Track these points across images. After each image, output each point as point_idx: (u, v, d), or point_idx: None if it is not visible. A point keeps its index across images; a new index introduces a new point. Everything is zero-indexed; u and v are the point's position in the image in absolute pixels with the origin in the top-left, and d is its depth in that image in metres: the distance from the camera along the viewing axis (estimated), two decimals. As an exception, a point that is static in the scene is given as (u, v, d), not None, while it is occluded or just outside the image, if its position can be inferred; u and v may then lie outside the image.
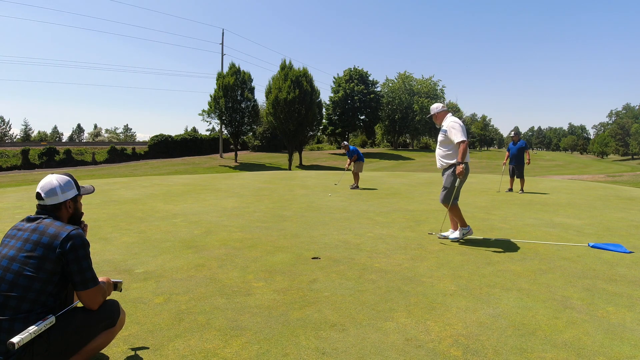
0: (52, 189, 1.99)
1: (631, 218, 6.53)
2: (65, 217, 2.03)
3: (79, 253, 1.88)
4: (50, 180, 2.01)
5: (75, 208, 2.09)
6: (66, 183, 2.03)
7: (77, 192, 2.09)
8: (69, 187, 2.04)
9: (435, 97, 74.99)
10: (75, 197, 2.07)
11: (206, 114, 43.70)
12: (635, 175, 31.74)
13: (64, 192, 2.01)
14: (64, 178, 2.05)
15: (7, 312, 1.74)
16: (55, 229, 1.89)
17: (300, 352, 2.29)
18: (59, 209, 2.00)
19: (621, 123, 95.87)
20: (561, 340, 2.44)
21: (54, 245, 1.84)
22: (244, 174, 17.03)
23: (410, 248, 4.44)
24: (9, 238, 1.92)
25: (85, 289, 1.90)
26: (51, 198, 1.98)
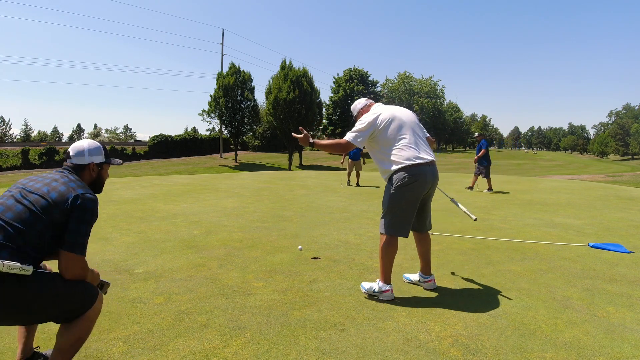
0: (80, 149, 2.05)
1: (631, 218, 6.53)
2: (88, 180, 2.06)
3: (85, 216, 1.86)
4: (81, 143, 2.09)
5: (99, 174, 2.12)
6: (95, 148, 2.09)
7: (105, 160, 2.12)
8: (97, 152, 2.09)
9: (435, 97, 75.03)
10: (101, 163, 2.11)
11: (206, 114, 43.73)
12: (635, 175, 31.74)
13: (91, 155, 2.07)
14: (95, 143, 2.12)
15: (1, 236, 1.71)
16: (75, 184, 1.92)
17: (300, 352, 2.29)
18: (83, 169, 2.05)
19: (621, 123, 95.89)
20: (561, 340, 2.44)
21: (67, 196, 1.84)
22: (244, 174, 17.03)
23: (410, 248, 4.43)
24: (31, 180, 1.94)
25: (69, 251, 1.82)
26: (78, 157, 2.04)
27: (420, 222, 3.23)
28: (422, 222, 3.24)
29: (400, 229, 3.02)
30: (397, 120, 3.07)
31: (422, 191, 3.01)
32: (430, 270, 3.31)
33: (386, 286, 3.06)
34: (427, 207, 3.23)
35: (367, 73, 60.60)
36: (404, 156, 2.97)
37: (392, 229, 3.02)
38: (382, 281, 3.07)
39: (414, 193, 2.97)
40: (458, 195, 9.44)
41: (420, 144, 3.08)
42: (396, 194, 2.98)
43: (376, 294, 3.09)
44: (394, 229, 3.02)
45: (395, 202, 2.99)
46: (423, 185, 2.98)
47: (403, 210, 3.01)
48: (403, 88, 78.61)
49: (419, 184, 2.95)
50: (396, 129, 3.04)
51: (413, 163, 2.95)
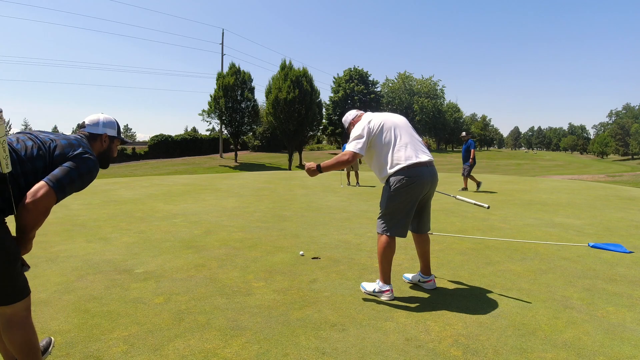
0: (96, 120, 2.12)
1: (631, 218, 6.53)
2: (97, 149, 2.10)
3: (81, 167, 1.83)
4: (98, 115, 2.16)
5: (109, 147, 2.16)
6: (110, 121, 2.16)
7: (116, 135, 2.18)
8: (111, 125, 2.15)
9: (435, 97, 75.07)
10: (113, 137, 2.16)
11: (206, 114, 43.71)
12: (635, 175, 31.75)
13: (105, 126, 2.12)
14: (109, 117, 2.18)
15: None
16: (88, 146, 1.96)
17: (300, 352, 2.29)
18: (95, 139, 2.10)
19: (621, 123, 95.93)
20: (561, 340, 2.44)
21: (75, 147, 1.87)
22: (244, 174, 17.04)
23: (410, 248, 4.43)
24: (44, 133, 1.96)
25: (48, 182, 1.71)
26: (92, 126, 2.10)
27: (420, 223, 3.22)
28: (421, 224, 3.23)
29: (398, 230, 3.01)
30: (389, 123, 3.07)
31: (420, 192, 2.98)
32: (430, 270, 3.32)
33: (386, 286, 3.06)
34: (426, 208, 3.23)
35: (367, 73, 60.60)
36: (401, 157, 2.95)
37: (390, 230, 3.01)
38: (382, 281, 3.08)
39: (413, 194, 2.95)
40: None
41: (417, 144, 3.07)
42: (394, 195, 2.96)
43: (376, 294, 3.10)
44: (392, 230, 3.01)
45: (394, 203, 2.97)
46: (421, 186, 2.96)
47: (401, 211, 2.98)
48: (403, 88, 78.64)
49: (417, 185, 2.93)
50: (390, 131, 3.03)
51: (411, 163, 2.93)
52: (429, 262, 3.31)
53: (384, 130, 3.03)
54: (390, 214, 3.01)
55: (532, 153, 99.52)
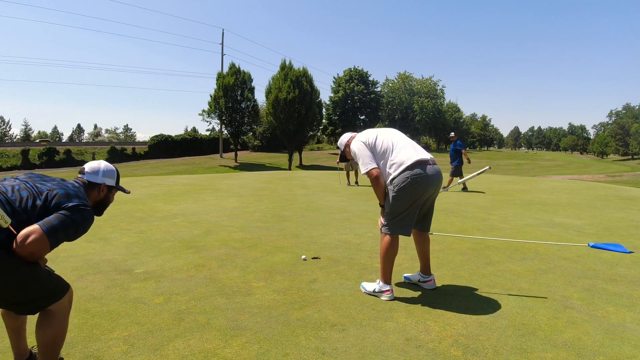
0: (96, 169, 2.13)
1: (631, 218, 6.53)
2: (94, 199, 2.11)
3: (76, 217, 1.81)
4: (98, 163, 2.18)
5: (106, 196, 2.17)
6: (110, 170, 2.18)
7: (115, 185, 2.20)
8: (110, 175, 2.17)
9: (435, 97, 75.07)
10: (111, 187, 2.18)
11: (206, 114, 43.74)
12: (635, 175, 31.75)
13: (105, 176, 2.14)
14: (110, 166, 2.20)
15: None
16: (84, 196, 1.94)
17: (300, 352, 2.29)
18: (93, 187, 2.11)
19: (621, 123, 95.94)
20: (561, 340, 2.44)
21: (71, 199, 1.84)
22: (244, 174, 17.04)
23: (410, 248, 4.42)
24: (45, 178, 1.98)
25: (40, 225, 1.70)
26: (91, 175, 2.11)
27: (424, 222, 3.25)
28: (425, 223, 3.25)
29: (402, 229, 3.01)
30: (382, 134, 3.15)
31: (424, 190, 2.97)
32: (430, 270, 3.32)
33: (386, 286, 3.06)
34: (431, 208, 3.24)
35: (367, 73, 60.56)
36: (403, 158, 2.96)
37: (394, 229, 3.01)
38: (383, 281, 3.08)
39: (417, 192, 2.94)
40: (450, 196, 9.45)
41: (416, 145, 3.12)
42: (399, 195, 2.95)
43: (376, 294, 3.10)
44: (396, 229, 3.01)
45: (398, 202, 2.96)
46: (426, 184, 2.96)
47: (406, 210, 2.97)
48: (403, 88, 78.61)
49: (421, 182, 2.93)
50: (385, 140, 3.09)
51: (414, 161, 2.93)
52: (429, 262, 3.32)
53: (379, 140, 3.09)
54: (395, 213, 3.00)
55: (532, 153, 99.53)
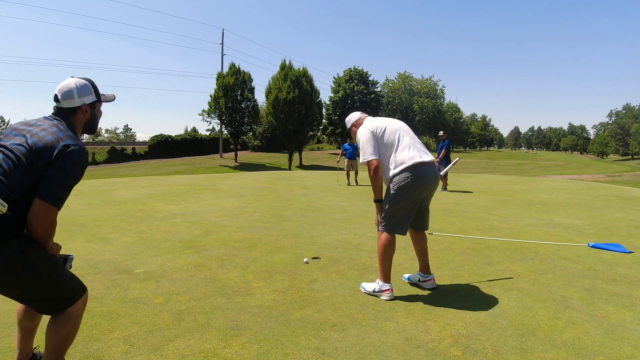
0: (69, 92, 1.91)
1: (631, 218, 6.53)
2: (81, 122, 1.96)
3: (67, 165, 1.71)
4: (68, 83, 1.93)
5: (92, 114, 2.01)
6: (83, 86, 1.95)
7: (96, 99, 2.00)
8: (86, 92, 1.95)
9: (435, 97, 75.10)
10: (93, 102, 1.99)
11: (206, 114, 43.69)
12: (635, 175, 31.75)
13: (81, 96, 1.93)
14: (82, 82, 1.97)
15: None
16: (64, 133, 1.79)
17: (300, 352, 2.29)
18: (75, 112, 1.93)
19: (621, 123, 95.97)
20: (561, 340, 2.44)
21: (54, 146, 1.72)
22: (244, 174, 17.03)
23: (410, 248, 4.42)
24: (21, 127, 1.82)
25: (41, 198, 1.66)
26: (67, 101, 1.91)
27: (420, 221, 3.26)
28: (421, 221, 3.27)
29: (399, 228, 3.05)
30: (391, 126, 3.15)
31: (423, 190, 3.04)
32: (429, 269, 3.33)
33: (386, 285, 3.07)
34: (427, 207, 3.27)
35: (367, 73, 60.49)
36: (405, 157, 3.01)
37: (391, 227, 3.05)
38: (382, 280, 3.09)
39: (416, 192, 3.00)
40: (449, 196, 9.44)
41: (418, 146, 3.14)
42: (398, 194, 2.99)
43: (376, 294, 3.10)
44: (393, 227, 3.05)
45: (397, 201, 3.00)
46: (425, 185, 3.02)
47: (403, 209, 3.02)
48: (403, 88, 78.64)
49: (420, 184, 2.99)
50: (393, 134, 3.10)
51: (415, 162, 2.99)
52: (427, 260, 3.33)
53: (387, 133, 3.10)
54: (393, 212, 3.03)
55: (532, 153, 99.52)
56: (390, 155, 3.05)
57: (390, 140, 3.07)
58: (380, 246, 3.07)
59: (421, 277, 3.34)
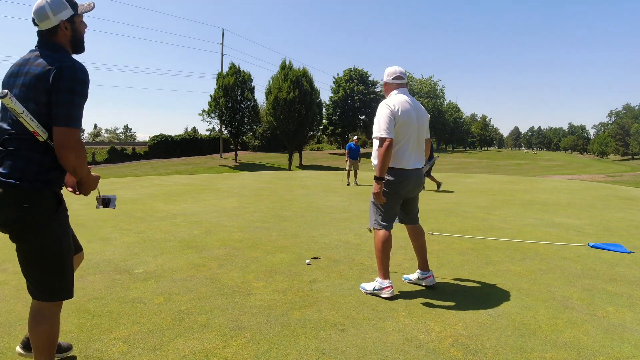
0: (41, 10, 1.76)
1: (631, 218, 6.53)
2: (66, 41, 1.83)
3: (75, 86, 1.68)
4: (40, 1, 1.77)
5: (74, 29, 1.84)
6: (55, 2, 1.77)
7: (74, 12, 1.83)
8: (60, 7, 1.78)
9: (435, 97, 75.06)
10: (72, 17, 1.82)
11: (206, 114, 43.71)
12: (635, 175, 31.75)
13: (56, 13, 1.76)
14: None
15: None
16: (54, 55, 1.73)
17: (300, 352, 2.29)
18: (55, 33, 1.79)
19: (621, 123, 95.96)
20: (561, 340, 2.44)
21: (50, 71, 1.67)
22: (244, 174, 17.03)
23: (410, 248, 4.42)
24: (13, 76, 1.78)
25: (62, 125, 1.65)
26: (44, 22, 1.77)
27: (408, 215, 3.36)
28: (409, 215, 3.36)
29: (384, 223, 3.14)
30: (411, 114, 3.09)
31: (404, 192, 3.17)
32: (427, 266, 3.36)
33: (386, 282, 3.09)
34: (413, 201, 3.35)
35: (367, 73, 60.50)
36: (396, 159, 3.08)
37: (379, 223, 3.16)
38: (382, 277, 3.11)
39: (398, 193, 3.14)
40: (449, 196, 9.44)
41: (416, 150, 3.18)
42: (388, 190, 3.11)
43: (376, 292, 3.11)
44: (380, 223, 3.15)
45: (387, 197, 3.11)
46: (406, 187, 3.15)
47: (385, 206, 3.13)
48: (403, 88, 78.45)
49: (402, 186, 3.12)
50: (404, 127, 3.06)
51: (401, 168, 3.09)
52: (425, 257, 3.36)
53: (401, 122, 3.04)
54: (377, 208, 3.17)
55: (532, 153, 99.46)
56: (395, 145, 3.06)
57: (404, 130, 3.05)
58: (378, 243, 3.12)
59: (420, 275, 3.35)
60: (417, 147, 3.17)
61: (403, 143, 3.07)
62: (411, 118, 3.09)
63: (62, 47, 1.81)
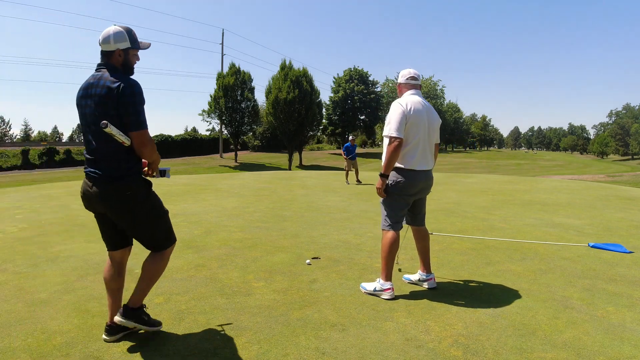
0: (107, 37, 2.26)
1: (631, 218, 6.53)
2: (118, 64, 2.29)
3: (136, 99, 2.18)
4: (108, 30, 2.28)
5: (126, 58, 2.31)
6: (118, 33, 2.27)
7: (130, 45, 2.30)
8: (120, 39, 2.27)
9: (435, 97, 75.03)
10: (127, 49, 2.30)
11: (206, 114, 43.72)
12: (635, 175, 31.75)
13: (116, 42, 2.26)
14: (119, 30, 2.28)
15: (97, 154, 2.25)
16: (113, 77, 2.19)
17: (300, 352, 2.29)
18: (112, 55, 2.27)
19: (621, 123, 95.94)
20: (561, 340, 2.44)
21: (114, 91, 2.14)
22: (244, 174, 17.02)
23: (410, 248, 4.43)
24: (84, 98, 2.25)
25: (137, 129, 2.19)
26: (105, 45, 2.27)
27: (415, 216, 3.34)
28: (417, 217, 3.34)
29: (392, 223, 3.15)
30: (422, 115, 3.09)
31: (413, 194, 3.16)
32: (430, 268, 3.35)
33: (387, 284, 3.09)
34: (421, 202, 3.33)
35: (367, 73, 60.46)
36: (405, 160, 3.07)
37: (388, 225, 3.16)
38: (384, 279, 3.11)
39: (406, 194, 3.12)
40: (450, 196, 9.44)
41: (426, 151, 3.16)
42: (391, 193, 3.12)
43: (377, 293, 3.11)
44: (389, 224, 3.15)
45: (391, 198, 3.14)
46: (415, 188, 3.13)
47: (394, 207, 3.14)
48: (403, 88, 78.36)
49: (411, 187, 3.11)
50: (414, 127, 3.05)
51: (411, 169, 3.08)
52: (429, 259, 3.35)
53: (415, 120, 3.04)
54: (386, 209, 3.18)
55: (532, 153, 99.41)
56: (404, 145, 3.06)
57: (414, 130, 3.05)
58: (385, 244, 3.11)
59: (421, 277, 3.35)
60: (427, 149, 3.16)
61: (413, 144, 3.06)
62: (422, 119, 3.08)
63: (116, 67, 2.28)
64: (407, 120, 3.01)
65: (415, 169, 3.07)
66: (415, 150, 3.07)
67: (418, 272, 3.40)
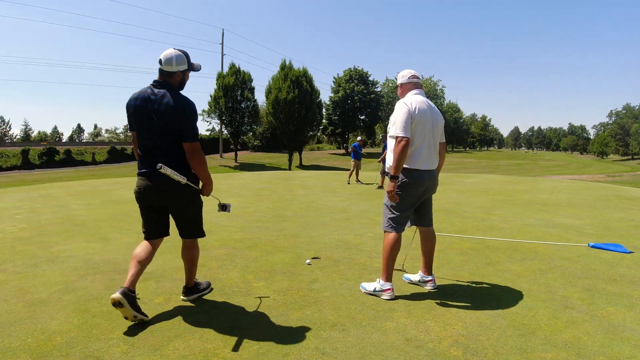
0: (169, 59, 2.60)
1: (631, 218, 6.53)
2: (176, 84, 2.65)
3: (193, 115, 2.59)
4: (170, 52, 2.62)
5: (182, 78, 2.69)
6: (179, 57, 2.63)
7: (187, 68, 2.67)
8: (182, 62, 2.63)
9: (435, 97, 75.02)
10: (185, 70, 2.67)
11: (206, 114, 43.71)
12: (635, 175, 31.75)
13: (178, 65, 2.62)
14: (180, 54, 2.64)
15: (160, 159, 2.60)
16: (175, 96, 2.57)
17: (300, 352, 2.29)
18: (172, 75, 2.63)
19: (621, 123, 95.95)
20: (561, 340, 2.44)
21: (178, 110, 2.53)
22: (244, 174, 17.02)
23: (410, 248, 4.43)
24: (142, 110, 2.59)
25: (190, 141, 2.56)
26: (167, 66, 2.60)
27: (421, 216, 3.29)
28: (422, 217, 3.30)
29: (396, 225, 3.11)
30: (427, 115, 3.06)
31: (418, 194, 3.13)
32: (431, 270, 3.33)
33: (387, 285, 3.08)
34: (427, 203, 3.29)
35: (367, 73, 60.40)
36: (411, 160, 3.05)
37: (391, 226, 3.12)
38: (384, 279, 3.10)
39: (411, 194, 3.10)
40: (449, 196, 9.44)
41: (431, 151, 3.13)
42: (401, 192, 3.07)
43: (377, 293, 3.10)
44: (392, 226, 3.12)
45: (400, 198, 3.08)
46: (420, 188, 3.11)
47: (399, 208, 3.10)
48: (403, 88, 78.34)
49: (416, 187, 3.08)
50: (419, 126, 3.02)
51: (416, 169, 3.05)
52: (431, 261, 3.34)
53: (420, 119, 3.02)
54: (390, 210, 3.13)
55: (532, 153, 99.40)
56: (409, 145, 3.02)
57: (419, 130, 3.02)
58: (387, 245, 3.09)
59: (422, 278, 3.34)
60: (431, 148, 3.13)
61: (418, 144, 3.04)
62: (427, 118, 3.06)
63: (174, 87, 2.63)
64: (412, 120, 2.99)
65: (420, 168, 3.06)
66: (420, 150, 3.05)
67: (419, 273, 3.39)
